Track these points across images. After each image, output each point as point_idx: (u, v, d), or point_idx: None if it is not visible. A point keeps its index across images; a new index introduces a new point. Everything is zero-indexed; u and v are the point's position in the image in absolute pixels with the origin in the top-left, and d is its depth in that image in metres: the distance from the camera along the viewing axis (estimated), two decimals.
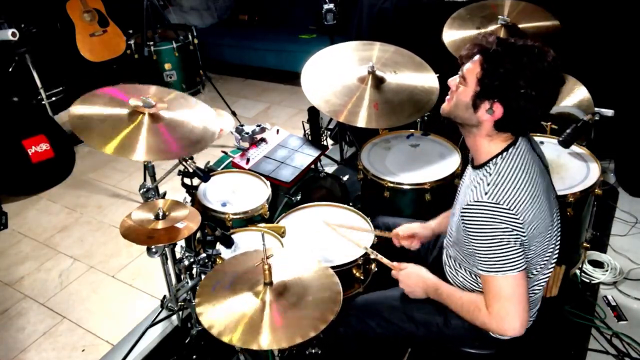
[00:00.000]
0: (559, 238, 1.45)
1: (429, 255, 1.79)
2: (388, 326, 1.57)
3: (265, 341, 1.26)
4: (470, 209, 1.26)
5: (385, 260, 1.68)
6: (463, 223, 1.30)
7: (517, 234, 1.24)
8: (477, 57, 1.27)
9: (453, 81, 1.36)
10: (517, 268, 1.26)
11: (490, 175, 1.29)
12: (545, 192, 1.32)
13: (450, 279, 1.54)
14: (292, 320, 1.32)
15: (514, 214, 1.23)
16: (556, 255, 1.46)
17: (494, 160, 1.31)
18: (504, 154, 1.31)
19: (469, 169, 1.45)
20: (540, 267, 1.41)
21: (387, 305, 1.59)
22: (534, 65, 1.20)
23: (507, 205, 1.23)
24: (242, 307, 1.35)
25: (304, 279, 1.46)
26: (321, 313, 1.34)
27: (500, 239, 1.24)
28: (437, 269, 1.58)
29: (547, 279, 1.46)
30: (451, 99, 1.36)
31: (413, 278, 1.52)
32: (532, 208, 1.26)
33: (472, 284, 1.46)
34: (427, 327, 1.52)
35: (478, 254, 1.29)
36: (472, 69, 1.28)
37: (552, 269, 1.47)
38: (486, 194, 1.25)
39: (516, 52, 1.22)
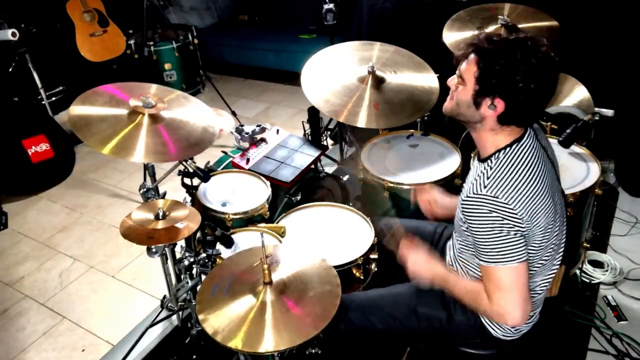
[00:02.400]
0: (563, 238, 1.44)
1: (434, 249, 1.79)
2: (391, 322, 1.57)
3: (270, 343, 1.26)
4: (470, 201, 1.29)
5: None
6: (463, 214, 1.32)
7: (516, 228, 1.25)
8: (472, 57, 1.29)
9: (452, 81, 1.37)
10: (518, 259, 1.27)
11: (492, 169, 1.30)
12: (550, 189, 1.32)
13: (452, 266, 1.55)
14: (295, 319, 1.32)
15: (511, 208, 1.24)
16: (560, 256, 1.46)
17: (497, 154, 1.32)
18: (507, 149, 1.32)
19: (475, 162, 1.46)
20: (542, 265, 1.40)
21: (390, 300, 1.59)
22: (528, 58, 1.21)
23: (504, 200, 1.24)
24: (244, 310, 1.35)
25: (303, 275, 1.46)
26: (323, 308, 1.35)
27: (500, 230, 1.25)
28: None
29: (550, 280, 1.46)
30: (452, 97, 1.38)
31: (422, 262, 1.52)
32: (532, 203, 1.26)
33: (472, 271, 1.47)
34: (430, 322, 1.53)
35: (478, 245, 1.30)
36: (468, 68, 1.30)
37: (555, 270, 1.46)
38: (485, 187, 1.27)
39: (509, 48, 1.23)
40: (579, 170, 2.15)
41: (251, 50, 5.03)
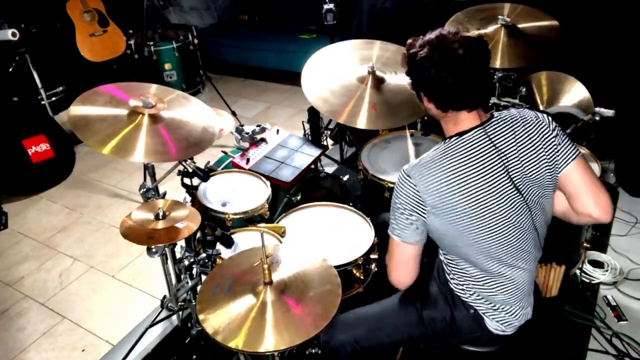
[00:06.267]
0: (523, 244, 1.41)
1: None
2: (397, 333, 1.56)
3: (270, 343, 1.26)
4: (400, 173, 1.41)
5: None
6: None
7: (416, 210, 1.35)
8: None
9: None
10: (402, 237, 1.41)
11: (429, 152, 1.40)
12: (481, 189, 1.32)
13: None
14: (296, 319, 1.33)
15: (417, 191, 1.34)
16: (527, 262, 1.43)
17: (443, 142, 1.41)
18: (448, 140, 1.39)
19: None
20: (479, 261, 1.39)
21: (394, 311, 1.58)
22: (431, 53, 1.33)
23: (414, 181, 1.35)
24: (244, 310, 1.35)
25: (303, 275, 1.47)
26: (323, 308, 1.35)
27: (400, 204, 1.38)
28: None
29: (516, 273, 1.43)
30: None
31: None
32: (446, 194, 1.32)
33: (450, 264, 1.51)
34: (435, 324, 1.53)
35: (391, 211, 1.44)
36: None
37: (514, 266, 1.42)
38: (409, 163, 1.40)
39: (417, 51, 1.37)
40: None
41: (251, 50, 5.03)
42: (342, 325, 1.54)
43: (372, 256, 1.88)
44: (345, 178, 2.58)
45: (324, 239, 1.96)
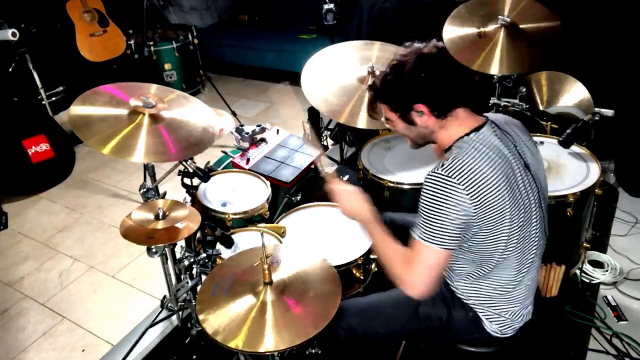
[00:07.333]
0: (533, 237, 1.43)
1: None
2: (392, 325, 1.58)
3: (270, 343, 1.26)
4: (428, 178, 1.34)
5: (327, 170, 1.69)
6: (421, 191, 1.35)
7: (463, 212, 1.28)
8: (378, 103, 1.50)
9: (391, 127, 1.53)
10: (444, 246, 1.31)
11: (452, 154, 1.36)
12: (506, 181, 1.33)
13: None
14: (295, 319, 1.33)
15: (463, 190, 1.28)
16: (533, 255, 1.44)
17: (457, 142, 1.38)
18: (465, 137, 1.37)
19: None
20: (505, 260, 1.39)
21: (390, 303, 1.59)
22: (404, 63, 1.38)
23: (458, 181, 1.28)
24: (244, 310, 1.35)
25: (303, 275, 1.47)
26: (323, 308, 1.35)
27: (443, 211, 1.29)
28: None
29: (528, 275, 1.44)
30: (406, 138, 1.53)
31: (353, 199, 1.50)
32: (486, 190, 1.29)
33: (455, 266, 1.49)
34: (431, 322, 1.53)
35: (420, 218, 1.34)
36: (384, 110, 1.49)
37: (532, 266, 1.44)
38: (442, 166, 1.32)
39: (388, 73, 1.42)
40: (579, 170, 2.15)
41: (251, 50, 5.03)
42: (337, 312, 1.54)
43: (372, 256, 1.88)
44: (345, 178, 2.57)
45: (324, 239, 1.96)
